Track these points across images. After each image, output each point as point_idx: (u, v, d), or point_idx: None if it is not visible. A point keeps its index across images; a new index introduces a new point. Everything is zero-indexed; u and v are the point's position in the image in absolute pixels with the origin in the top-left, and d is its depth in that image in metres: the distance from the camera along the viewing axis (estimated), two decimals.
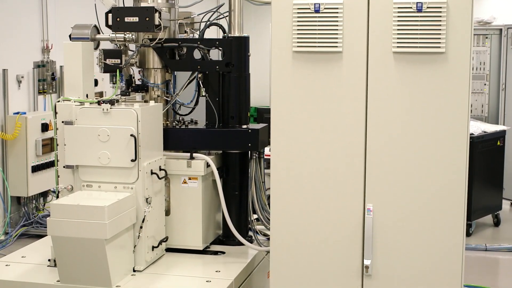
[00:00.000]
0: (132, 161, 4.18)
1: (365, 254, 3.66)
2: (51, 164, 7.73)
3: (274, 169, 3.77)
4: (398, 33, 3.51)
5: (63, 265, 4.03)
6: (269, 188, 3.91)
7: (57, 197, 4.34)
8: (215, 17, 4.81)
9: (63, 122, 4.31)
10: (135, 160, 4.18)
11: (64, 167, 4.33)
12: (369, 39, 3.58)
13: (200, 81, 4.72)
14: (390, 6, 3.52)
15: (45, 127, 7.65)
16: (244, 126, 4.71)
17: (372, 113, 3.61)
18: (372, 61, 3.59)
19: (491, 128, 8.25)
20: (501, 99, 9.67)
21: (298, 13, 3.62)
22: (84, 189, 4.29)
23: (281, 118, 3.73)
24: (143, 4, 4.59)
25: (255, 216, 4.78)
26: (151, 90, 4.76)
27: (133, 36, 4.61)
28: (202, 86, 4.71)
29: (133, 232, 4.22)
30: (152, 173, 4.31)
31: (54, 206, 3.99)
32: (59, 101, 4.40)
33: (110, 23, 4.49)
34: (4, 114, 7.41)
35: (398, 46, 3.52)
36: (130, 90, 4.80)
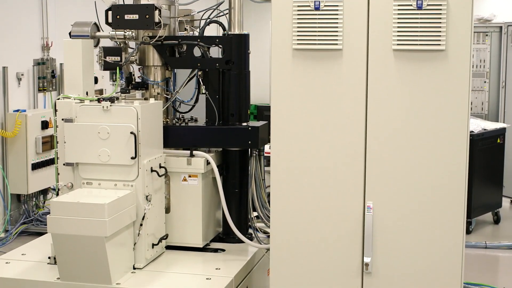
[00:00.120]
0: (132, 158, 4.18)
1: (365, 251, 3.65)
2: (51, 161, 7.73)
3: (274, 167, 3.77)
4: (398, 31, 3.51)
5: (63, 262, 4.04)
6: (269, 185, 3.91)
7: (57, 194, 4.34)
8: (215, 14, 4.81)
9: (63, 119, 4.31)
10: (135, 157, 4.18)
11: (64, 164, 4.33)
12: (369, 36, 3.57)
13: (200, 79, 4.71)
14: (390, 3, 3.51)
15: (45, 125, 7.65)
16: (244, 123, 4.71)
17: (372, 111, 3.61)
18: (372, 58, 3.58)
19: (491, 125, 8.24)
20: (501, 97, 9.67)
21: (298, 10, 3.61)
22: (84, 187, 4.29)
23: (281, 115, 3.72)
24: (143, 1, 4.58)
25: (255, 213, 4.78)
26: (151, 87, 4.76)
27: (133, 33, 4.61)
28: (202, 83, 4.71)
29: (133, 229, 4.22)
30: (152, 171, 4.31)
31: (54, 203, 3.99)
32: (59, 99, 4.40)
33: (110, 20, 4.49)
34: (4, 111, 7.41)
35: (398, 43, 3.52)
36: (130, 87, 4.80)
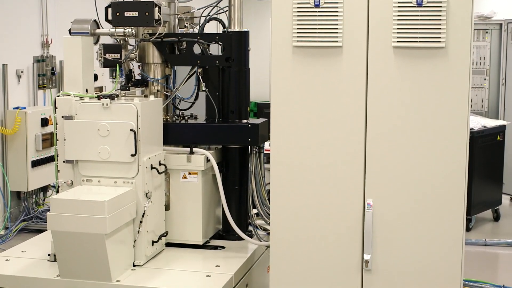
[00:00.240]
0: (132, 156, 4.17)
1: (365, 249, 3.66)
2: (51, 159, 7.73)
3: (274, 164, 3.77)
4: (398, 28, 3.51)
5: (63, 259, 4.04)
6: (269, 183, 3.91)
7: (57, 191, 4.34)
8: (215, 11, 4.81)
9: (63, 117, 4.31)
10: (135, 155, 4.18)
11: (64, 162, 4.33)
12: (369, 33, 3.57)
13: (200, 76, 4.71)
14: (390, 0, 3.51)
15: (45, 122, 7.64)
16: (244, 120, 4.71)
17: (372, 108, 3.61)
18: (372, 55, 3.58)
19: (491, 123, 8.24)
20: (501, 94, 9.66)
21: (298, 7, 3.61)
22: (84, 184, 4.29)
23: (281, 112, 3.72)
24: None
25: (255, 210, 4.78)
26: (151, 85, 4.75)
27: (133, 30, 4.61)
28: (202, 80, 4.71)
29: (133, 227, 4.22)
30: (152, 168, 4.31)
31: (54, 200, 3.99)
32: (59, 96, 4.40)
33: (109, 17, 4.49)
34: (4, 109, 7.40)
35: (398, 40, 3.52)
36: (130, 84, 4.80)
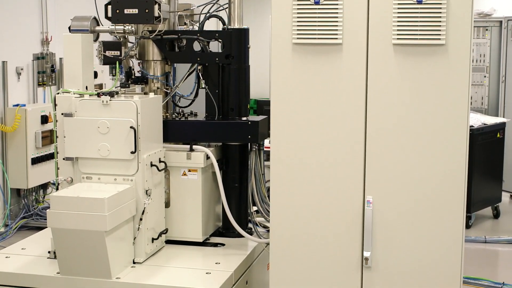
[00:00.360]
0: (131, 153, 4.18)
1: (365, 246, 3.66)
2: (50, 156, 7.74)
3: (273, 161, 3.77)
4: (398, 25, 3.50)
5: (63, 257, 4.04)
6: (269, 180, 3.91)
7: (57, 189, 4.34)
8: (214, 9, 4.80)
9: (62, 114, 4.31)
10: (135, 152, 4.18)
11: (63, 159, 4.33)
12: (369, 31, 3.57)
13: (199, 73, 4.71)
14: None
15: (44, 119, 7.65)
16: (243, 118, 4.71)
17: (372, 105, 3.60)
18: (372, 53, 3.58)
19: (491, 120, 8.24)
20: (501, 91, 9.66)
21: (298, 4, 3.60)
22: (83, 181, 4.29)
23: (281, 110, 3.72)
24: None
25: (255, 208, 4.78)
26: (151, 82, 4.75)
27: (133, 28, 4.60)
28: (201, 78, 4.71)
29: (133, 224, 4.23)
30: (152, 165, 4.31)
31: (54, 198, 3.99)
32: (58, 93, 4.40)
33: (109, 15, 4.48)
34: (3, 106, 7.40)
35: (398, 38, 3.51)
36: (129, 82, 4.80)
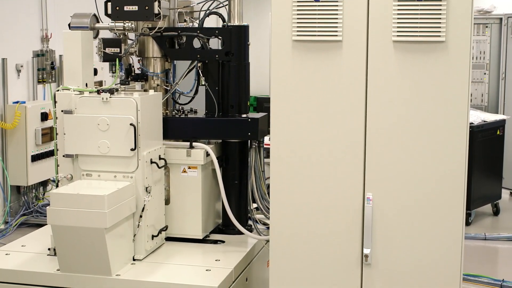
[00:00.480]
0: (131, 150, 4.17)
1: (365, 243, 3.66)
2: (50, 153, 7.74)
3: (273, 158, 3.77)
4: (398, 22, 3.50)
5: (63, 254, 4.04)
6: (269, 177, 3.91)
7: (57, 186, 4.34)
8: (214, 6, 4.80)
9: (62, 111, 4.31)
10: (135, 149, 4.18)
11: (63, 156, 4.33)
12: (369, 27, 3.56)
13: (199, 70, 4.71)
14: None
15: (44, 116, 7.64)
16: (243, 115, 4.70)
17: (372, 102, 3.60)
18: (372, 50, 3.58)
19: (490, 117, 8.24)
20: (501, 89, 9.66)
21: (298, 2, 3.60)
22: (83, 178, 4.29)
23: (281, 107, 3.72)
24: None
25: (255, 205, 4.78)
26: (151, 79, 4.75)
27: (133, 25, 4.60)
28: (201, 75, 4.70)
29: (133, 221, 4.23)
30: (151, 162, 4.31)
31: (54, 195, 3.99)
32: (58, 90, 4.40)
33: (109, 12, 4.48)
34: (3, 103, 7.40)
35: (398, 35, 3.51)
36: (129, 79, 4.79)
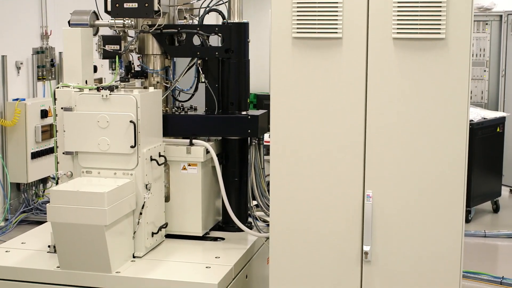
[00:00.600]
0: (131, 147, 4.18)
1: (365, 240, 3.66)
2: (50, 150, 7.73)
3: (273, 155, 3.77)
4: (398, 19, 3.50)
5: (63, 251, 4.04)
6: (269, 174, 3.91)
7: (57, 183, 4.34)
8: (214, 3, 4.79)
9: (62, 108, 4.31)
10: (135, 146, 4.18)
11: (63, 153, 4.33)
12: (369, 25, 3.56)
13: (199, 67, 4.71)
14: None
15: (44, 114, 7.64)
16: (243, 112, 4.71)
17: (371, 99, 3.60)
18: (372, 47, 3.57)
19: (490, 114, 8.24)
20: (500, 86, 9.65)
21: None
22: (83, 176, 4.29)
23: (281, 104, 3.72)
24: None
25: (255, 202, 4.79)
26: (151, 76, 4.75)
27: (132, 22, 4.59)
28: (201, 72, 4.70)
29: (133, 218, 4.23)
30: (151, 160, 4.31)
31: (53, 192, 3.99)
32: (58, 87, 4.40)
33: (109, 9, 4.48)
34: (3, 100, 7.39)
35: (398, 32, 3.51)
36: (129, 76, 4.79)
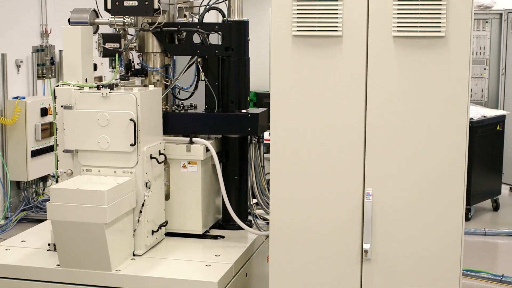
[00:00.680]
0: (131, 145, 4.17)
1: (365, 238, 3.66)
2: (50, 148, 7.74)
3: (273, 154, 3.77)
4: (398, 17, 3.49)
5: (63, 249, 4.04)
6: (269, 172, 3.91)
7: (57, 181, 4.34)
8: (214, 1, 4.79)
9: (62, 106, 4.30)
10: (135, 144, 4.18)
11: (63, 151, 4.33)
12: (369, 23, 3.56)
13: (199, 66, 4.70)
14: None
15: (44, 112, 7.64)
16: (243, 110, 4.70)
17: (371, 97, 3.60)
18: (372, 45, 3.57)
19: (490, 112, 8.24)
20: (500, 84, 9.65)
21: None
22: (83, 174, 4.29)
23: (281, 102, 3.72)
24: None
25: (255, 200, 4.79)
26: (151, 74, 4.75)
27: (132, 20, 4.59)
28: (201, 70, 4.70)
29: (133, 216, 4.23)
30: (151, 158, 4.31)
31: (53, 190, 3.99)
32: (58, 86, 4.40)
33: (109, 7, 4.48)
34: (3, 98, 7.40)
35: (398, 30, 3.51)
36: (129, 74, 4.79)
